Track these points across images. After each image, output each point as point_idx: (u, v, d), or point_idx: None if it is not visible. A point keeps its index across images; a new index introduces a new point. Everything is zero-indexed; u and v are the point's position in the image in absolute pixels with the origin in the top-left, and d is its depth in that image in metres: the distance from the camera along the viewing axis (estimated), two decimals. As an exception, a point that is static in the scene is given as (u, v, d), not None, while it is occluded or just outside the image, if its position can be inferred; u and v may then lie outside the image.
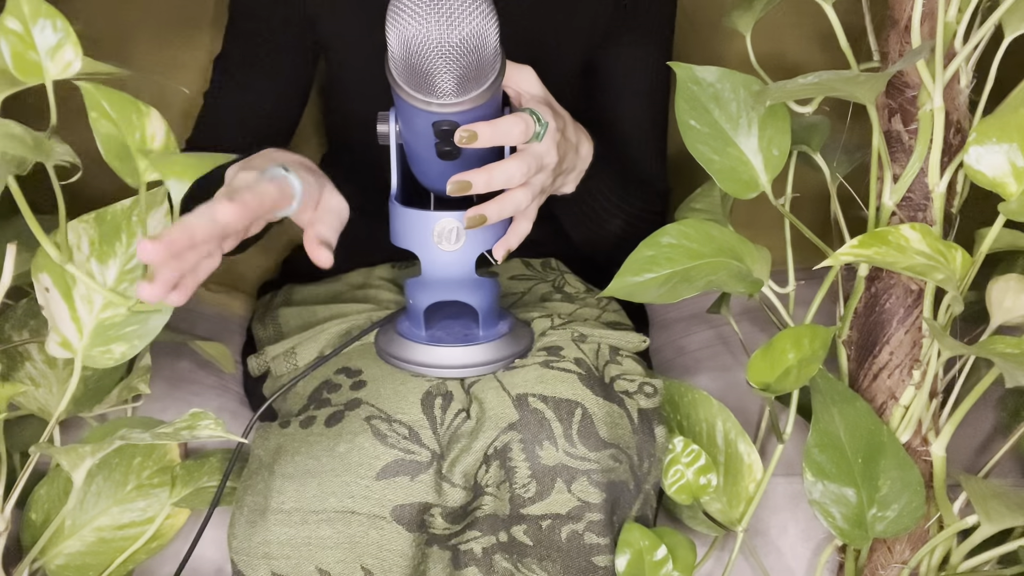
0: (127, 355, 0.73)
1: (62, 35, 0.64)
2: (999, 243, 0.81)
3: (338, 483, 0.78)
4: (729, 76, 0.83)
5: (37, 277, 0.71)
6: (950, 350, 0.78)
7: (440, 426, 0.81)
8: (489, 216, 0.77)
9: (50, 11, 0.63)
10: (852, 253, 0.76)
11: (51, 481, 0.85)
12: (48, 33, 0.63)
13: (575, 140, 0.84)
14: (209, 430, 0.68)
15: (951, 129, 0.83)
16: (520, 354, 0.86)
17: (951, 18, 0.79)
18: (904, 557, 0.89)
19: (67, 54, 0.64)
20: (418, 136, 0.76)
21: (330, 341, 0.93)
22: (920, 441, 0.88)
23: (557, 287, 1.04)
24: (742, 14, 0.93)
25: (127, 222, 0.73)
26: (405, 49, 0.70)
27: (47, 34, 0.63)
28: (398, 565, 0.78)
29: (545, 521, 0.80)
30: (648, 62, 1.03)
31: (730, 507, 0.89)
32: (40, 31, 0.63)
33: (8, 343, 0.85)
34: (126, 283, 0.72)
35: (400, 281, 1.04)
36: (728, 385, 1.02)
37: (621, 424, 0.82)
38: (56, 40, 0.63)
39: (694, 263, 0.83)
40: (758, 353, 0.82)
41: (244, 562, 0.80)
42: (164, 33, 1.23)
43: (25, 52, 0.63)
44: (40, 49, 0.63)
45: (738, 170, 0.83)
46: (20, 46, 0.63)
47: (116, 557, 0.85)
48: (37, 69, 0.64)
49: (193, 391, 1.00)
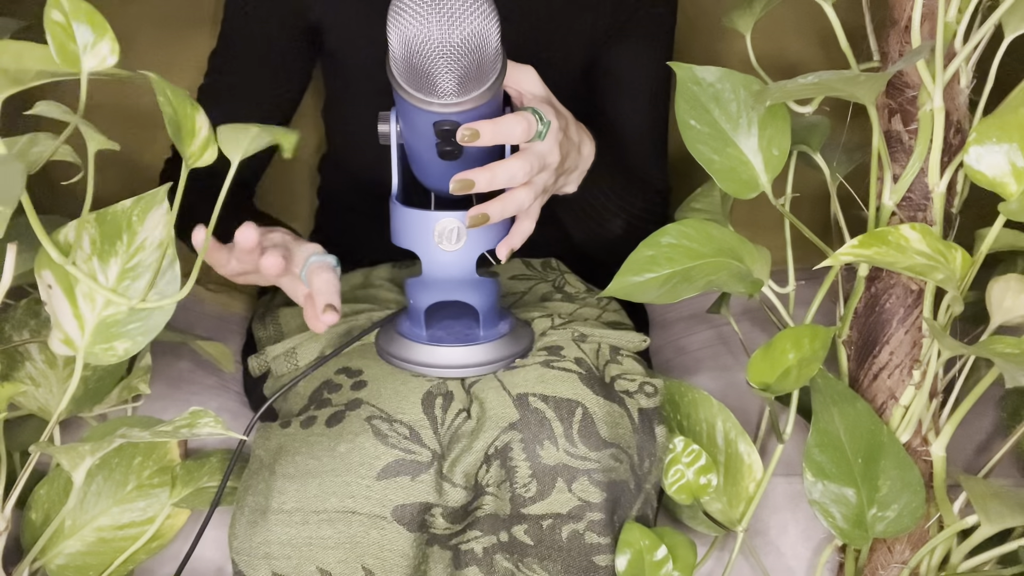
0: (130, 352, 0.73)
1: (99, 33, 0.67)
2: (999, 243, 0.81)
3: (339, 483, 0.78)
4: (729, 76, 0.83)
5: (40, 274, 0.71)
6: (950, 350, 0.78)
7: (441, 426, 0.81)
8: (491, 215, 0.77)
9: (89, 9, 0.67)
10: (852, 253, 0.76)
11: (51, 481, 0.85)
12: (86, 29, 0.67)
13: (577, 139, 0.84)
14: (209, 428, 0.68)
15: (951, 129, 0.83)
16: (520, 354, 0.86)
17: (951, 18, 0.79)
18: (904, 557, 0.89)
19: (103, 49, 0.67)
20: (419, 136, 0.76)
21: (330, 341, 0.93)
22: (920, 441, 0.88)
23: (557, 287, 1.04)
24: (742, 14, 0.93)
25: (128, 221, 0.73)
26: (406, 49, 0.70)
27: (85, 29, 0.67)
28: (399, 565, 0.78)
29: (546, 521, 0.80)
30: (648, 62, 1.03)
31: (730, 507, 0.89)
32: (79, 26, 0.67)
33: (8, 343, 0.85)
34: (127, 281, 0.73)
35: (400, 281, 1.04)
36: (728, 385, 1.02)
37: (622, 424, 0.82)
38: (94, 36, 0.67)
39: (694, 263, 0.83)
40: (758, 353, 0.82)
41: (245, 562, 0.80)
42: (164, 33, 1.23)
43: (67, 43, 0.67)
44: (79, 42, 0.67)
45: (738, 170, 0.83)
46: (63, 37, 0.66)
47: (116, 557, 0.84)
48: (76, 61, 0.67)
49: (193, 391, 1.00)
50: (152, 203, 0.73)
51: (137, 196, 0.73)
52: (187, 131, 0.69)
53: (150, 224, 0.73)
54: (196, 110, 0.69)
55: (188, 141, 0.69)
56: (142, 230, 0.73)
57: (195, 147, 0.69)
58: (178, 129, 0.68)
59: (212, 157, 0.70)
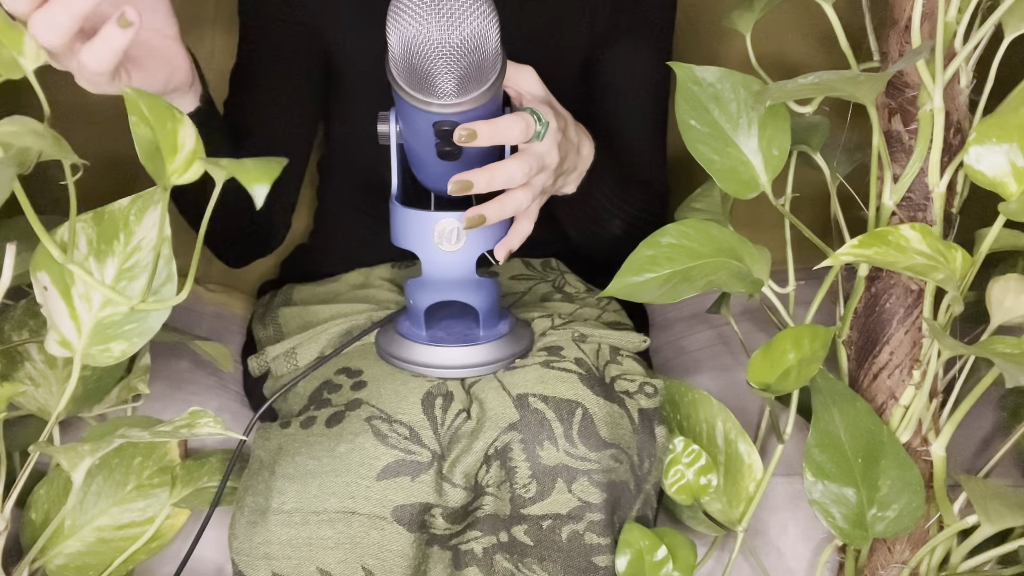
0: (127, 353, 0.72)
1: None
2: (999, 243, 0.81)
3: (339, 483, 0.78)
4: (729, 76, 0.83)
5: (35, 276, 0.71)
6: (950, 350, 0.78)
7: (441, 426, 0.81)
8: (489, 216, 0.77)
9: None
10: (852, 253, 0.76)
11: (51, 481, 0.85)
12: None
13: (576, 140, 0.84)
14: (208, 428, 0.68)
15: (951, 129, 0.83)
16: (520, 354, 0.86)
17: (951, 18, 0.79)
18: (904, 557, 0.89)
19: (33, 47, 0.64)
20: (419, 136, 0.76)
21: (330, 341, 0.93)
22: (920, 441, 0.88)
23: (557, 287, 1.04)
24: (742, 14, 0.93)
25: (125, 221, 0.73)
26: (405, 49, 0.70)
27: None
28: (399, 565, 0.78)
29: (546, 521, 0.80)
30: (648, 62, 1.03)
31: (730, 507, 0.89)
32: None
33: (8, 343, 0.85)
34: (124, 281, 0.72)
35: (400, 281, 1.04)
36: (728, 385, 1.02)
37: (622, 424, 0.82)
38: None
39: (694, 263, 0.83)
40: (758, 353, 0.82)
41: (245, 562, 0.80)
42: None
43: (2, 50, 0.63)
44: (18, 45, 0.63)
45: (738, 170, 0.83)
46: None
47: (116, 557, 0.84)
48: (15, 66, 0.63)
49: (193, 391, 1.00)
50: (149, 202, 0.73)
51: (134, 195, 0.73)
52: (168, 147, 0.64)
53: (147, 223, 0.73)
54: (179, 123, 0.64)
55: (170, 158, 0.65)
56: (139, 229, 0.73)
57: (178, 163, 0.65)
58: (155, 149, 0.64)
59: (197, 173, 0.66)
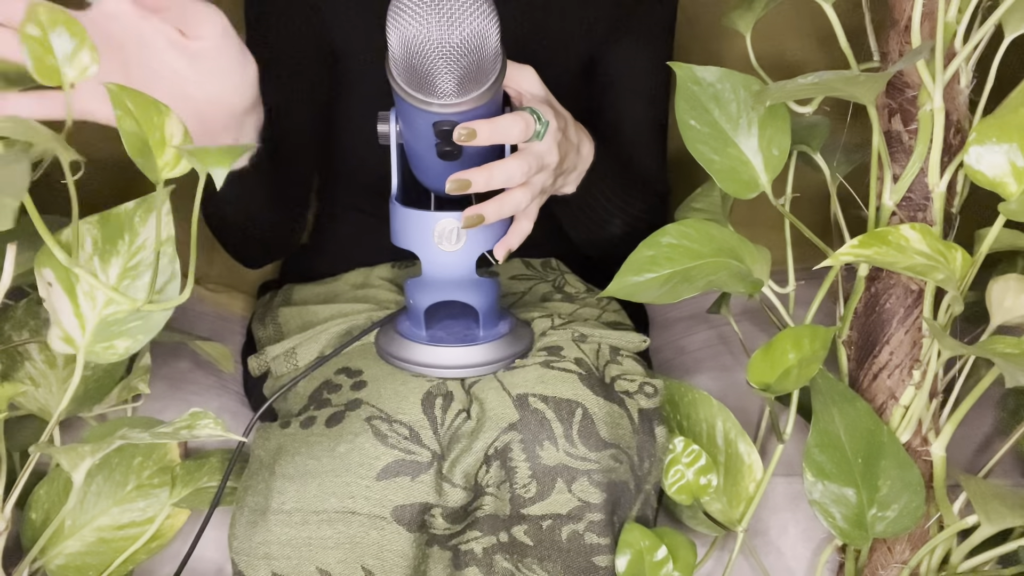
0: (131, 350, 0.73)
1: (78, 41, 0.66)
2: (999, 243, 0.81)
3: (339, 483, 0.78)
4: (729, 76, 0.83)
5: (40, 271, 0.72)
6: (950, 350, 0.78)
7: (440, 426, 0.81)
8: (487, 216, 0.77)
9: (67, 18, 0.65)
10: (852, 253, 0.76)
11: (51, 481, 0.85)
12: (65, 39, 0.65)
13: (576, 140, 0.84)
14: (208, 429, 0.68)
15: (951, 129, 0.83)
16: (520, 354, 0.86)
17: (951, 18, 0.79)
18: (904, 557, 0.89)
19: (84, 59, 0.66)
20: (418, 136, 0.76)
21: (330, 341, 0.93)
22: (920, 441, 0.88)
23: (557, 287, 1.04)
24: (742, 14, 0.93)
25: (130, 222, 0.73)
26: (405, 49, 0.70)
27: (64, 40, 0.65)
28: (399, 565, 0.78)
29: (546, 521, 0.80)
30: (648, 62, 1.03)
31: (730, 507, 0.89)
32: (57, 37, 0.65)
33: (8, 343, 0.85)
34: (128, 280, 0.73)
35: (400, 281, 1.04)
36: (728, 385, 1.02)
37: (621, 424, 0.82)
38: (73, 46, 0.66)
39: (694, 263, 0.83)
40: (758, 353, 0.82)
41: (245, 562, 0.80)
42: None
43: (44, 57, 0.65)
44: (58, 54, 0.65)
45: (738, 170, 0.83)
46: (39, 51, 0.65)
47: (116, 557, 0.84)
48: (56, 73, 0.66)
49: (193, 391, 1.00)
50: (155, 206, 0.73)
51: (140, 199, 0.74)
52: (156, 142, 0.66)
53: (153, 224, 0.73)
54: (165, 116, 0.66)
55: (159, 152, 0.66)
56: (144, 230, 0.73)
57: (168, 157, 0.66)
58: (143, 144, 0.65)
59: (188, 166, 0.67)
